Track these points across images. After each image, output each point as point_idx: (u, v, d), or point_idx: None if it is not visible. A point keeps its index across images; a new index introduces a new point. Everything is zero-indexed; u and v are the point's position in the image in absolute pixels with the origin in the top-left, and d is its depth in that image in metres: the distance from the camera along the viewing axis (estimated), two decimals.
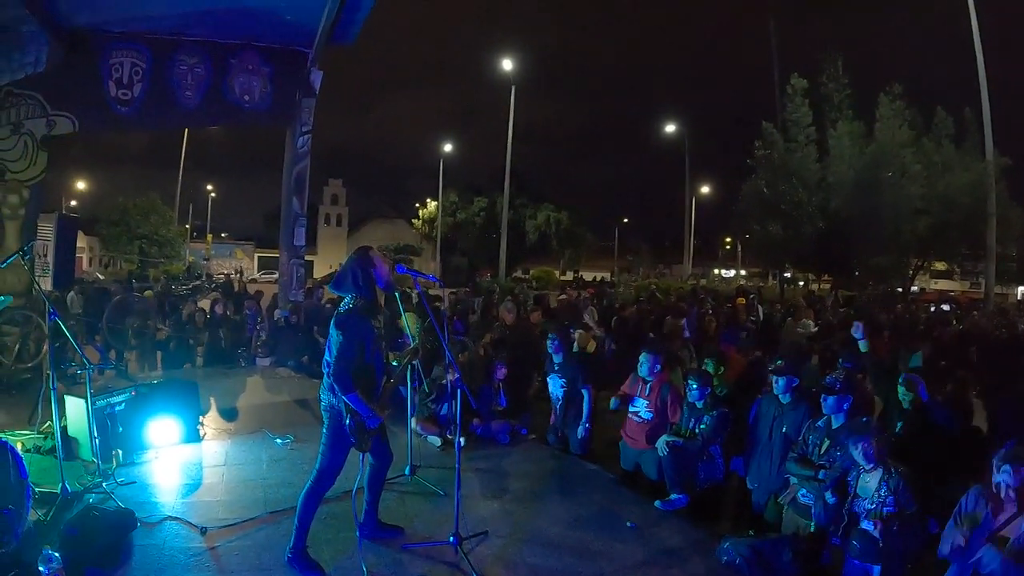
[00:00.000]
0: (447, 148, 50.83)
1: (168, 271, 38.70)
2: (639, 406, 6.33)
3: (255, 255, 67.80)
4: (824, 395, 4.87)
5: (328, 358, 4.02)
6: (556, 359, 7.25)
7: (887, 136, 24.18)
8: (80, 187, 51.59)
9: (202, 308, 11.56)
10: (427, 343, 7.16)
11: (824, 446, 4.78)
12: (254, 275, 56.95)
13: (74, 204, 50.33)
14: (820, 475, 4.60)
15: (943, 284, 46.68)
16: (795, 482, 4.91)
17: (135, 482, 5.41)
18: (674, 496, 5.56)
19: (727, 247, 65.56)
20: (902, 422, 5.48)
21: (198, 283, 32.29)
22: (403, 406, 6.03)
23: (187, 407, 6.62)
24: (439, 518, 4.91)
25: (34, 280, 6.11)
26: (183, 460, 6.04)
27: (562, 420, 7.17)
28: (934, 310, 20.56)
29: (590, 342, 9.28)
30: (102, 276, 34.41)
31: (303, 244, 11.88)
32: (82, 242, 42.44)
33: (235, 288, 20.50)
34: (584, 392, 7.03)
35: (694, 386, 5.87)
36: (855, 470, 4.24)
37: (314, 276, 42.43)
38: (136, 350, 10.20)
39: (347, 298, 4.08)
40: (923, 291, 36.94)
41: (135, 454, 5.96)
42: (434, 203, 55.13)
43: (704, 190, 50.24)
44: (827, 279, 31.01)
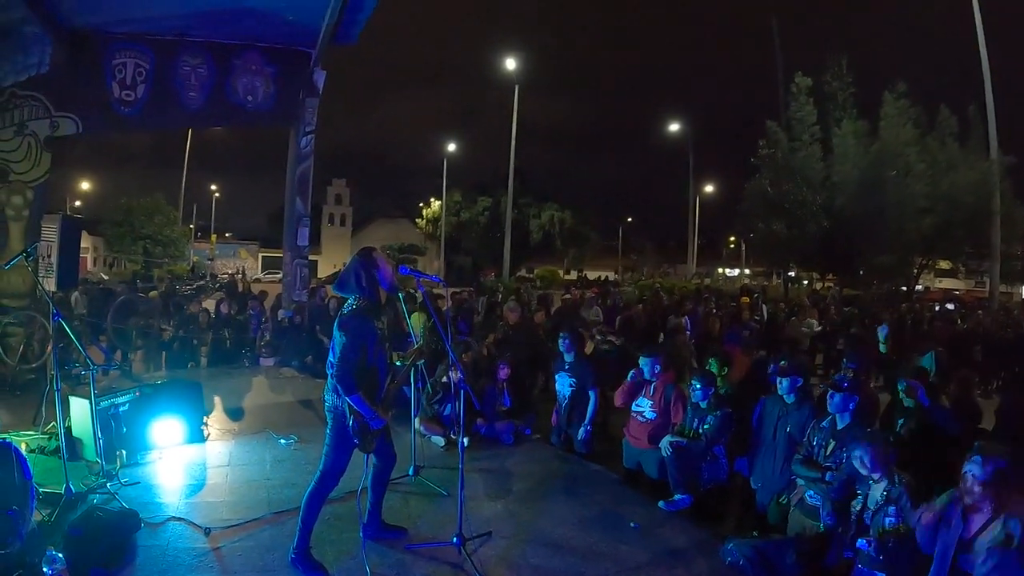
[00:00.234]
0: (451, 147, 50.84)
1: (172, 271, 38.77)
2: (643, 406, 6.31)
3: (259, 255, 67.83)
4: (831, 391, 4.84)
5: (332, 359, 4.02)
6: (567, 358, 7.20)
7: (891, 135, 24.10)
8: (84, 187, 51.81)
9: (206, 308, 11.58)
10: (432, 343, 7.16)
11: (830, 447, 4.74)
12: (258, 275, 57.05)
13: (78, 204, 50.60)
14: (827, 477, 4.57)
15: (947, 283, 46.49)
16: (802, 483, 4.87)
17: (139, 483, 5.41)
18: (678, 496, 5.54)
19: (731, 246, 65.47)
20: (902, 420, 5.45)
21: (202, 283, 32.33)
22: (407, 406, 6.04)
23: (191, 407, 6.63)
24: (443, 519, 4.90)
25: (38, 281, 6.10)
26: (187, 460, 6.05)
27: (567, 420, 7.13)
28: (938, 309, 20.52)
29: (587, 343, 9.26)
30: (106, 276, 34.47)
31: (307, 244, 11.89)
32: (86, 242, 42.54)
33: (239, 288, 20.52)
34: (591, 394, 7.01)
35: (698, 386, 5.85)
36: (867, 478, 4.18)
37: (318, 276, 42.52)
38: (141, 350, 10.24)
39: (350, 299, 4.08)
40: (927, 290, 36.88)
41: (139, 455, 5.96)
42: (438, 203, 55.15)
43: (708, 189, 50.20)
44: (831, 278, 30.94)
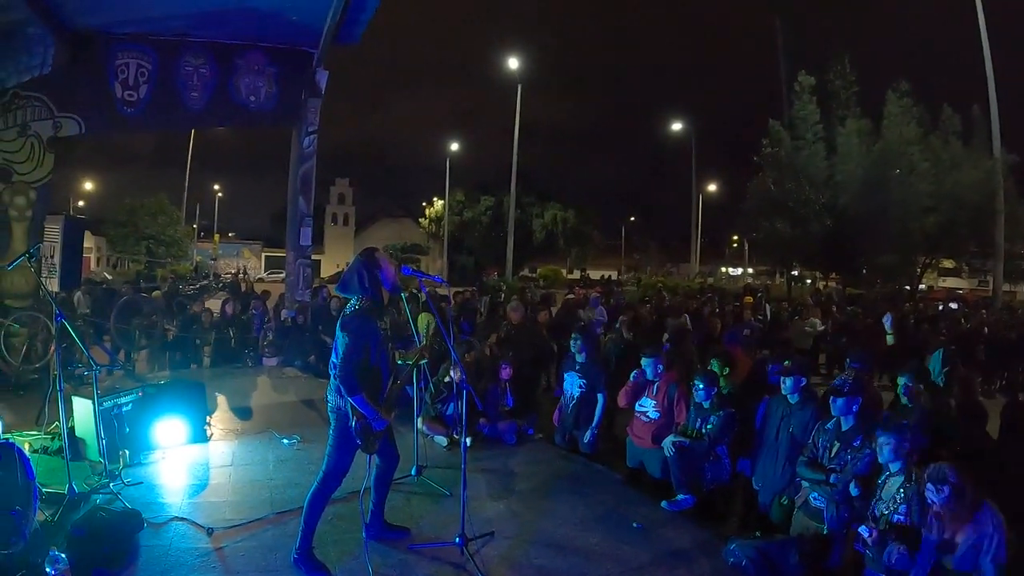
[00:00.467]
0: (453, 147, 50.72)
1: (175, 271, 38.80)
2: (646, 406, 6.31)
3: (262, 255, 67.92)
4: (833, 397, 4.79)
5: (334, 359, 4.02)
6: (579, 358, 7.13)
7: (894, 133, 24.12)
8: (88, 188, 51.81)
9: (208, 308, 11.59)
10: (435, 343, 7.16)
11: (834, 449, 4.71)
12: (261, 274, 57.14)
13: (81, 204, 50.67)
14: (832, 479, 4.54)
15: (951, 282, 46.32)
16: (807, 486, 4.84)
17: (142, 483, 5.42)
18: (680, 497, 5.54)
19: (734, 245, 65.33)
20: (883, 419, 5.40)
21: (205, 283, 32.40)
22: (410, 406, 6.04)
23: (194, 407, 6.64)
24: (445, 519, 4.91)
25: (40, 282, 6.12)
26: (190, 461, 6.05)
27: (572, 420, 7.11)
28: (941, 308, 20.49)
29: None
30: (110, 276, 34.49)
31: (310, 244, 11.90)
32: (89, 242, 42.65)
33: (242, 288, 20.53)
34: (600, 397, 6.97)
35: (700, 386, 5.84)
36: (884, 472, 4.16)
37: (321, 276, 42.55)
38: (145, 350, 10.24)
39: (353, 300, 4.08)
40: (931, 289, 36.80)
41: (142, 455, 5.97)
42: (441, 202, 55.10)
43: (711, 188, 50.24)
44: (834, 277, 30.91)
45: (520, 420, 7.37)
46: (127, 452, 5.78)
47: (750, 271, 59.43)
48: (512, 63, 34.07)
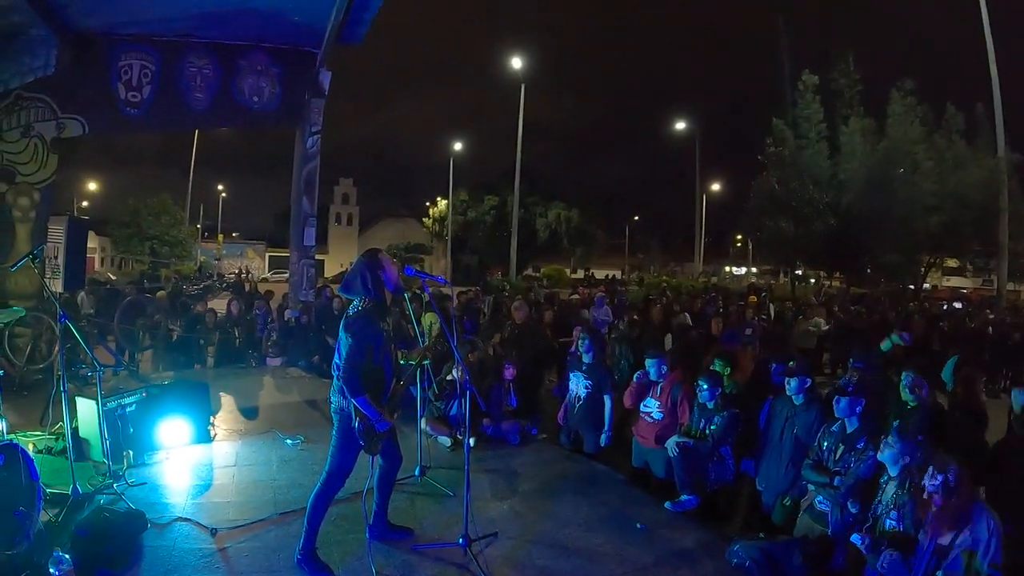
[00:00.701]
0: (457, 147, 50.80)
1: (179, 271, 38.86)
2: (651, 406, 6.31)
3: (266, 255, 68.06)
4: (836, 397, 4.78)
5: (337, 360, 4.02)
6: (586, 359, 7.13)
7: (898, 132, 24.05)
8: (91, 188, 51.88)
9: (212, 308, 11.60)
10: (439, 344, 7.16)
11: (839, 452, 4.69)
12: (265, 274, 57.19)
13: (85, 205, 50.75)
14: (836, 482, 4.53)
15: (955, 281, 46.32)
16: (812, 489, 4.82)
17: (146, 483, 5.43)
18: (684, 497, 5.53)
19: (738, 244, 65.21)
20: (898, 421, 5.40)
21: (209, 283, 32.44)
22: (413, 407, 6.04)
23: (198, 408, 6.64)
24: (449, 519, 4.91)
25: (44, 283, 6.12)
26: (193, 461, 6.06)
27: (577, 421, 7.11)
28: (946, 308, 20.43)
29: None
30: (114, 277, 34.56)
31: (313, 244, 11.90)
32: (93, 242, 42.66)
33: (246, 288, 20.54)
34: (608, 399, 6.95)
35: (704, 387, 5.83)
36: (885, 474, 4.15)
37: (325, 275, 42.58)
38: (149, 350, 10.26)
39: (356, 301, 4.08)
40: (935, 288, 36.73)
41: (146, 455, 5.98)
42: (444, 202, 55.16)
43: (715, 187, 50.15)
44: (838, 276, 30.86)
45: (524, 420, 7.37)
46: (131, 452, 5.78)
47: (754, 270, 59.35)
48: (515, 62, 34.07)
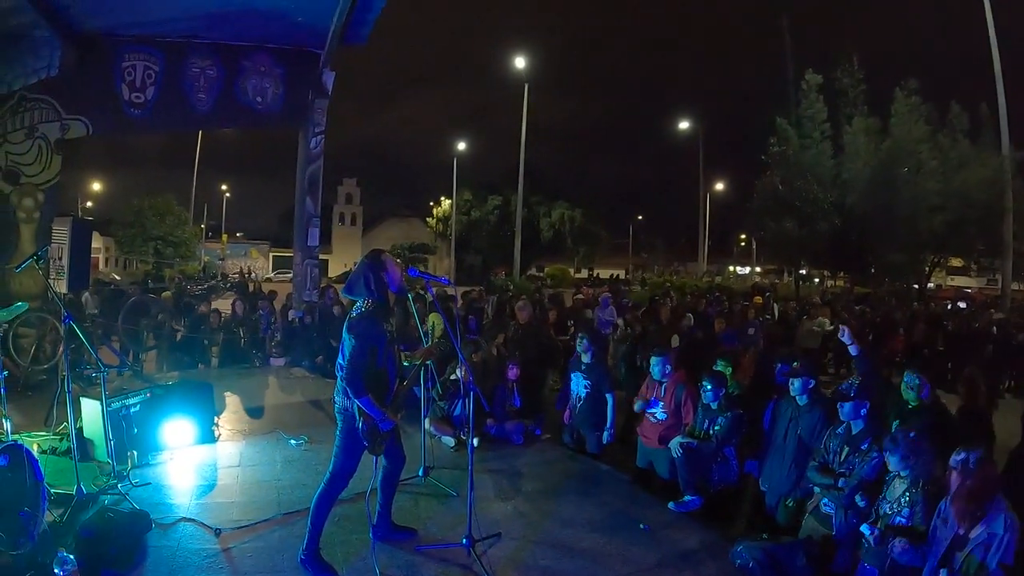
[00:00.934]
0: (461, 146, 50.70)
1: (183, 271, 38.93)
2: (655, 407, 6.31)
3: (270, 255, 68.19)
4: (840, 402, 4.76)
5: (341, 361, 4.03)
6: (585, 359, 7.14)
7: (902, 132, 24.01)
8: (95, 188, 52.06)
9: (216, 309, 11.62)
10: (443, 344, 7.16)
11: (844, 453, 4.68)
12: (269, 274, 57.29)
13: (89, 205, 50.89)
14: (840, 483, 4.52)
15: (959, 280, 46.21)
16: (818, 491, 4.81)
17: (150, 483, 5.44)
18: (688, 498, 5.53)
19: (742, 244, 65.24)
20: (898, 421, 5.37)
21: (213, 283, 32.48)
22: (417, 407, 6.04)
23: (202, 408, 6.65)
24: (452, 520, 4.91)
25: (48, 284, 6.14)
26: (197, 461, 6.07)
27: (579, 421, 7.12)
28: (950, 307, 20.37)
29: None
30: (118, 277, 34.64)
31: (317, 244, 11.90)
32: (97, 243, 42.84)
33: (249, 288, 20.56)
34: (609, 398, 6.96)
35: (708, 387, 5.82)
36: (889, 473, 4.13)
37: (328, 275, 42.62)
38: (153, 350, 10.27)
39: (359, 302, 4.08)
40: (939, 288, 36.64)
41: (150, 455, 5.99)
42: (448, 201, 55.12)
43: (719, 187, 50.02)
44: (842, 276, 30.81)
45: (527, 420, 7.36)
46: (135, 453, 5.80)
47: (758, 270, 59.31)
48: (519, 62, 34.00)
